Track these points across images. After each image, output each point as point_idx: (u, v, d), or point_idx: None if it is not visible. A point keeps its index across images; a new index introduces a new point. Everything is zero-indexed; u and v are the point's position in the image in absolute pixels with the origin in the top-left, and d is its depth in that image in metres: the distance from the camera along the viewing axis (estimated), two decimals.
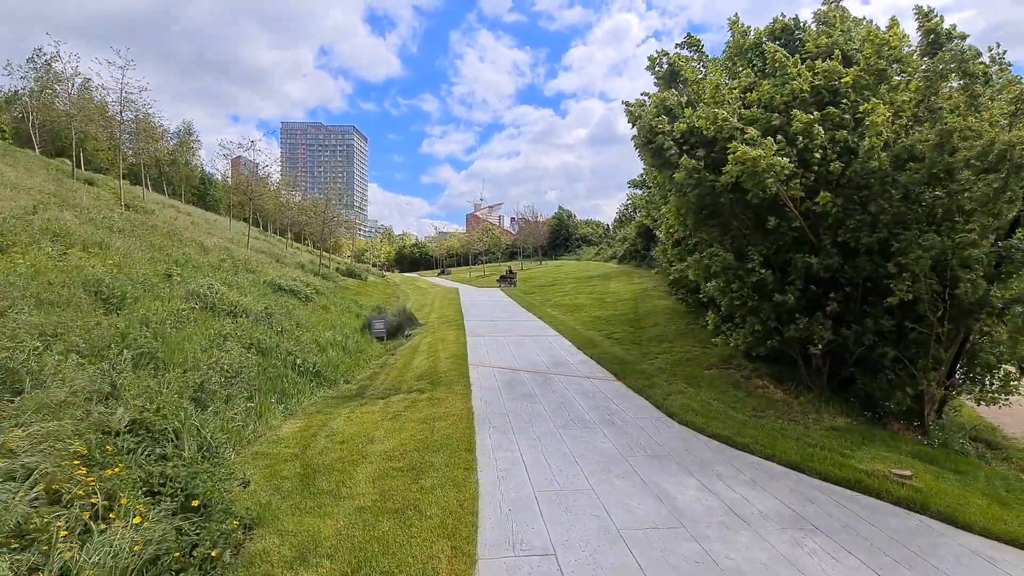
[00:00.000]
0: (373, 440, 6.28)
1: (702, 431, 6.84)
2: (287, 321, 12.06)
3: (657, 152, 8.67)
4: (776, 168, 6.89)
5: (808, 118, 7.06)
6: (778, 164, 6.89)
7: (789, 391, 8.29)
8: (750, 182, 7.15)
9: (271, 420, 7.09)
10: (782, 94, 7.66)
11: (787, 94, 7.62)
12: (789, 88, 7.60)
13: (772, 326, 8.07)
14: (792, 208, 7.50)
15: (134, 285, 9.55)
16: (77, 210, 16.05)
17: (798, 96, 7.54)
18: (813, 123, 7.06)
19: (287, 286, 17.27)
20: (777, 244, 8.24)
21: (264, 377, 8.03)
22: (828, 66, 7.49)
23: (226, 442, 5.35)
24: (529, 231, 64.29)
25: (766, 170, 6.91)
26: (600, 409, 7.80)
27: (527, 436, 6.57)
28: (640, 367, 10.28)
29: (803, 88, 7.53)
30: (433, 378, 9.70)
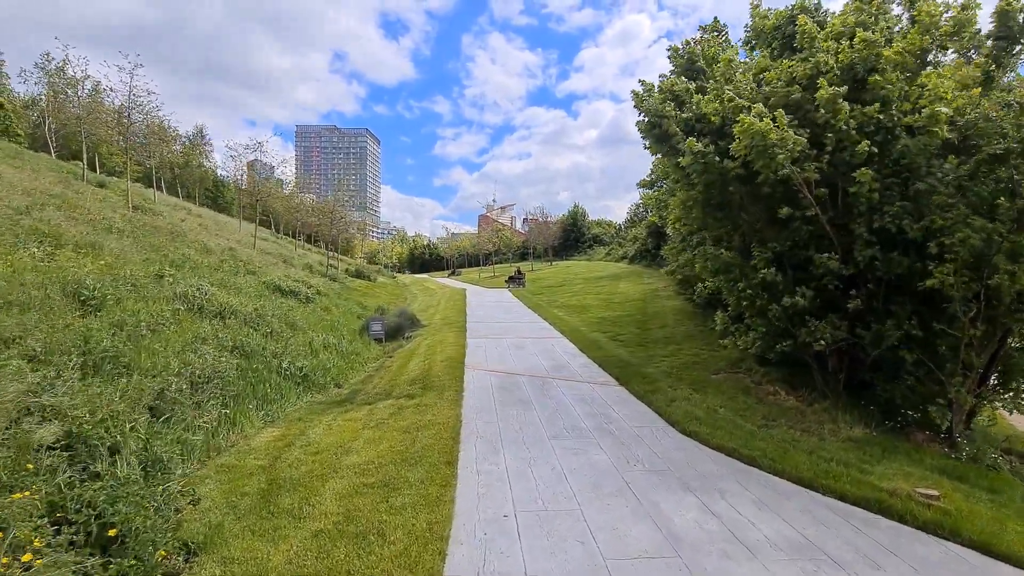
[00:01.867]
0: (350, 451, 5.86)
1: (706, 442, 6.31)
2: (280, 323, 11.74)
3: (663, 138, 8.14)
4: (788, 143, 6.33)
5: (833, 90, 6.45)
6: (789, 139, 6.32)
7: (802, 398, 7.71)
8: (759, 161, 6.59)
9: (247, 428, 6.74)
10: (805, 68, 7.04)
11: (811, 68, 7.00)
12: (814, 62, 6.98)
13: (783, 328, 7.50)
14: (807, 194, 6.92)
15: (119, 286, 9.28)
16: (78, 211, 15.94)
17: (824, 71, 6.92)
18: (838, 97, 6.45)
19: (287, 287, 17.01)
20: (792, 240, 7.65)
21: (245, 382, 7.69)
22: (867, 36, 6.83)
23: (181, 455, 4.98)
24: (539, 231, 63.84)
25: (776, 145, 6.35)
26: (597, 417, 7.31)
27: (516, 447, 6.11)
28: (644, 371, 9.75)
29: (828, 62, 6.90)
30: (425, 382, 9.29)
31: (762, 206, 7.93)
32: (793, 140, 6.45)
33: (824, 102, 6.56)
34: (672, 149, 8.06)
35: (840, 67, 6.90)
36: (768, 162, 6.66)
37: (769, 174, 6.80)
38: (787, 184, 7.33)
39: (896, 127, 6.73)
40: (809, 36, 7.35)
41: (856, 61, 6.79)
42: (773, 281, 7.51)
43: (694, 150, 7.26)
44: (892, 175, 6.84)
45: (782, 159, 6.44)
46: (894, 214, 6.47)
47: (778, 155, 6.47)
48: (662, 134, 8.09)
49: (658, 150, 8.60)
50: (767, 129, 6.39)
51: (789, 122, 6.82)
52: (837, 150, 6.77)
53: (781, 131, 6.41)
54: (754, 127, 6.37)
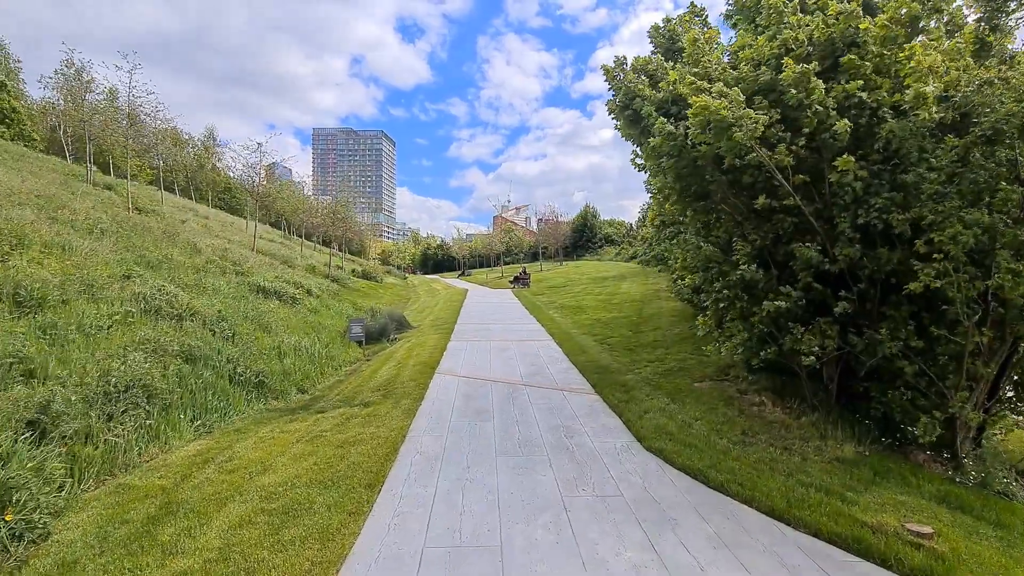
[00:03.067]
0: (269, 469, 5.30)
1: (672, 462, 5.60)
2: (250, 326, 11.30)
3: (635, 119, 7.43)
4: (745, 121, 5.59)
5: (802, 67, 5.70)
6: (747, 116, 5.59)
7: (790, 410, 6.92)
8: (718, 141, 5.87)
9: (175, 440, 6.23)
10: (772, 47, 6.33)
11: (777, 46, 6.29)
12: (781, 39, 6.26)
13: (766, 332, 6.73)
14: (783, 180, 6.16)
15: (72, 288, 8.90)
16: (65, 212, 15.79)
17: (792, 48, 6.19)
18: (809, 75, 5.70)
19: (272, 288, 16.64)
20: (774, 233, 6.90)
21: (184, 389, 7.20)
22: (844, 8, 6.08)
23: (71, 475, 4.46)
24: (550, 232, 63.12)
25: (733, 124, 5.62)
26: (559, 430, 6.63)
27: (456, 466, 5.48)
28: (623, 378, 9.03)
29: (799, 37, 6.18)
30: (388, 389, 8.72)
31: (744, 196, 7.18)
32: (752, 118, 5.70)
33: (792, 82, 5.81)
34: (645, 131, 7.34)
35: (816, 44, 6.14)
36: (728, 144, 5.93)
37: (733, 158, 6.07)
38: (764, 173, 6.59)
39: (881, 107, 5.94)
40: (776, 11, 6.58)
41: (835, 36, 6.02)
42: (753, 279, 6.75)
43: (664, 131, 6.53)
44: (882, 162, 6.05)
45: (740, 138, 5.70)
46: (880, 207, 5.68)
47: (735, 134, 5.73)
48: (634, 115, 7.38)
49: (631, 133, 7.88)
50: (720, 107, 5.66)
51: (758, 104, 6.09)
52: (817, 132, 6.00)
53: (736, 108, 5.67)
54: (707, 106, 5.65)
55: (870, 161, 6.20)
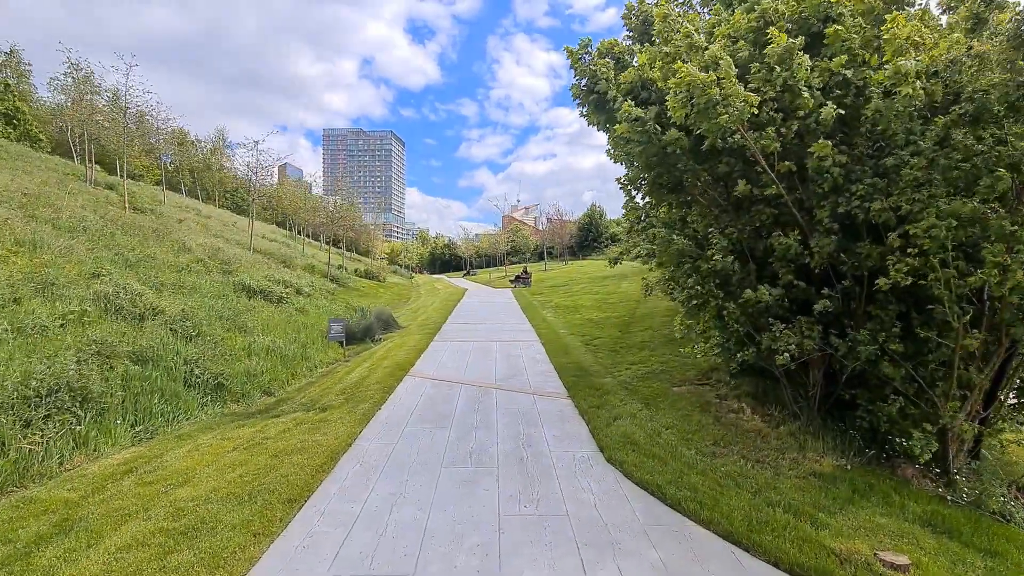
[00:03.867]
0: (190, 480, 4.91)
1: (630, 475, 5.11)
2: (218, 325, 10.97)
3: (600, 103, 6.92)
4: (735, 101, 5.08)
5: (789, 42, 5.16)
6: (737, 95, 5.07)
7: (769, 418, 6.39)
8: (702, 123, 5.35)
9: (106, 447, 5.87)
10: (750, 20, 5.79)
11: (755, 17, 5.75)
12: (760, 10, 5.73)
13: (743, 333, 6.22)
14: (766, 167, 5.64)
15: (27, 287, 8.62)
16: (50, 211, 15.66)
17: (772, 22, 5.66)
18: (795, 49, 5.16)
19: (258, 287, 16.37)
20: (753, 225, 6.38)
21: (129, 392, 6.85)
22: None
23: None
24: (556, 231, 62.60)
25: (720, 103, 5.10)
26: (518, 439, 6.18)
27: (395, 478, 5.05)
28: (600, 381, 8.53)
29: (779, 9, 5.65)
30: (352, 392, 8.32)
31: (721, 187, 6.67)
32: (743, 97, 5.18)
33: (776, 58, 5.28)
34: (612, 117, 6.85)
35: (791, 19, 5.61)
36: (712, 125, 5.41)
37: (716, 141, 5.56)
38: (744, 157, 6.08)
39: (867, 86, 5.40)
40: None
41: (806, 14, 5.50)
42: (726, 270, 6.22)
43: (631, 116, 6.03)
44: (869, 146, 5.51)
45: (726, 120, 5.18)
46: (862, 195, 5.14)
47: (721, 116, 5.22)
48: (600, 99, 6.87)
49: (597, 120, 7.37)
50: (708, 81, 5.13)
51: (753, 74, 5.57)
52: (803, 115, 5.47)
53: (728, 84, 5.15)
54: (694, 78, 5.12)
55: (855, 146, 5.66)
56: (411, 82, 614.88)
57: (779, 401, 6.68)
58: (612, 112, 6.68)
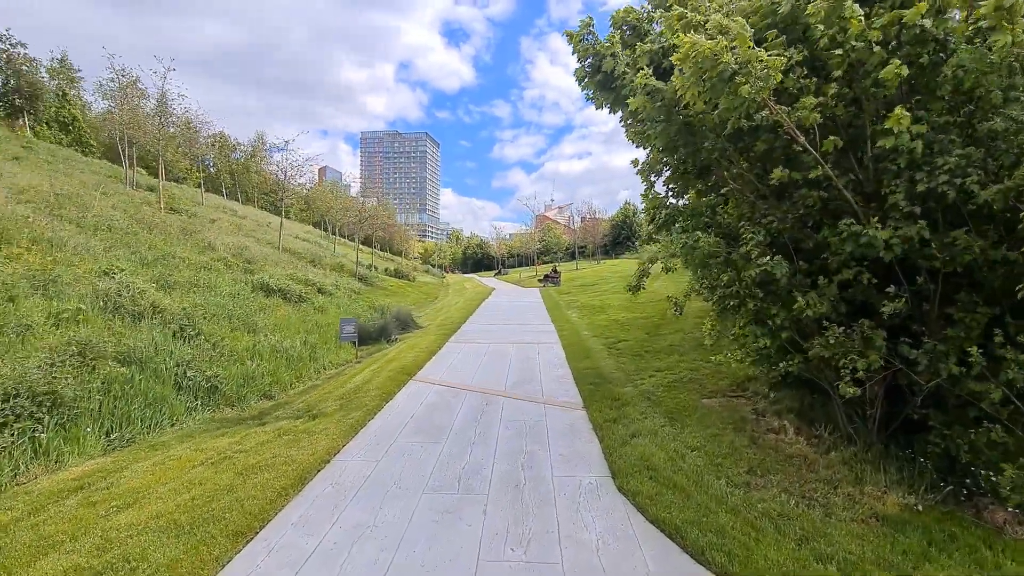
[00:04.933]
0: (138, 502, 4.35)
1: (644, 510, 4.25)
2: (224, 325, 10.63)
3: (606, 82, 6.04)
4: (755, 68, 4.14)
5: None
6: (756, 59, 4.13)
7: (817, 440, 5.36)
8: (720, 100, 4.43)
9: (71, 457, 5.43)
10: None
11: None
12: None
13: (785, 339, 5.23)
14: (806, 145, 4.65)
15: (25, 284, 8.42)
16: (74, 210, 15.88)
17: None
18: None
19: (277, 286, 16.15)
20: (796, 214, 5.36)
21: (108, 397, 6.44)
22: None
23: None
24: (589, 230, 61.42)
25: (737, 72, 4.17)
26: (518, 456, 5.39)
27: (365, 506, 4.36)
28: (619, 390, 7.63)
29: None
30: (351, 398, 7.73)
31: (759, 168, 5.68)
32: (764, 62, 4.23)
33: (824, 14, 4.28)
34: (620, 97, 5.96)
35: None
36: (732, 100, 4.48)
37: (739, 119, 4.63)
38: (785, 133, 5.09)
39: (948, 37, 4.34)
40: None
41: None
42: (772, 274, 5.20)
43: (648, 87, 5.12)
44: (948, 112, 4.45)
45: (748, 92, 4.24)
46: (952, 169, 4.08)
47: (741, 87, 4.28)
48: (606, 78, 5.99)
49: (603, 101, 6.46)
50: (718, 49, 4.21)
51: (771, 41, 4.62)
52: (854, 78, 4.46)
53: (742, 49, 4.21)
54: (700, 49, 4.21)
55: (932, 111, 4.60)
56: (446, 85, 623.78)
57: (829, 419, 5.63)
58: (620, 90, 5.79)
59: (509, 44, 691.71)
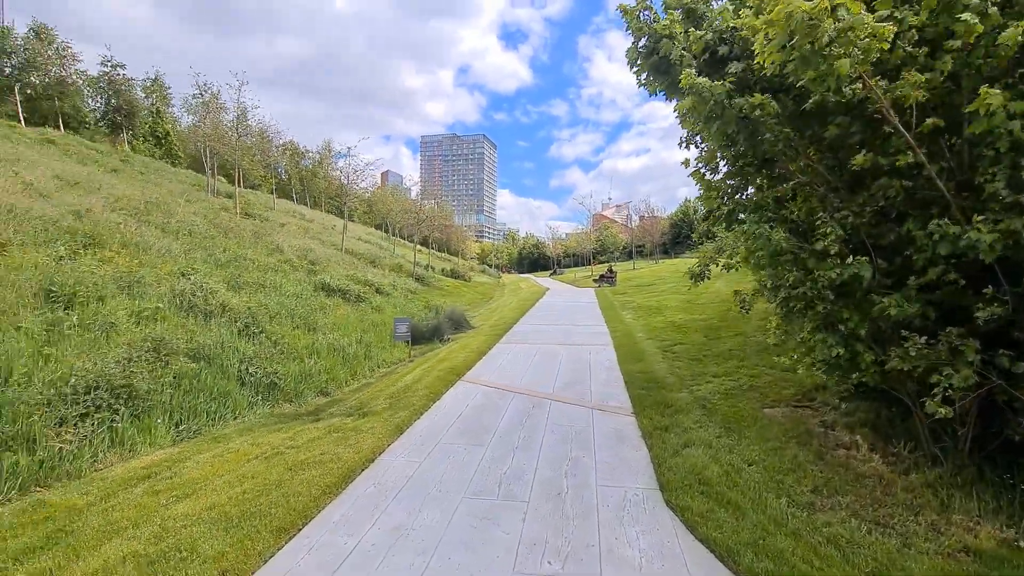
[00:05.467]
0: (196, 493, 4.58)
1: (694, 528, 3.96)
2: (286, 323, 11.14)
3: (663, 68, 5.67)
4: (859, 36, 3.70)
5: None
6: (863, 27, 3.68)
7: (895, 459, 4.81)
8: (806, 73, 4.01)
9: (144, 447, 5.83)
10: None
11: None
12: None
13: (860, 347, 4.72)
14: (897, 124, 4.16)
15: (113, 284, 9.20)
16: (159, 216, 17.27)
17: None
18: None
19: (337, 286, 16.81)
20: (876, 205, 4.84)
21: (178, 390, 6.88)
22: None
23: None
24: (647, 229, 59.82)
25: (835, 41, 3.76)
26: (561, 463, 5.23)
27: (406, 507, 4.35)
28: (673, 396, 7.27)
29: None
30: (400, 397, 7.85)
31: (830, 158, 5.19)
32: (871, 30, 3.79)
33: None
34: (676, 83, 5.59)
35: None
36: (823, 75, 4.07)
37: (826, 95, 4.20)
38: (862, 117, 4.62)
39: None
40: None
41: None
42: (858, 276, 4.71)
43: (697, 87, 4.76)
44: None
45: (846, 68, 3.83)
46: None
47: (838, 62, 3.87)
48: (662, 62, 5.64)
49: (658, 87, 6.09)
50: (817, 11, 3.81)
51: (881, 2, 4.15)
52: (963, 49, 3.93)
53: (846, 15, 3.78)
54: (794, 9, 3.83)
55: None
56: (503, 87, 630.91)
57: (910, 435, 5.04)
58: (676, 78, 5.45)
59: (566, 43, 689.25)
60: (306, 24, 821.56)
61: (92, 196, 16.16)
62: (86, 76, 38.85)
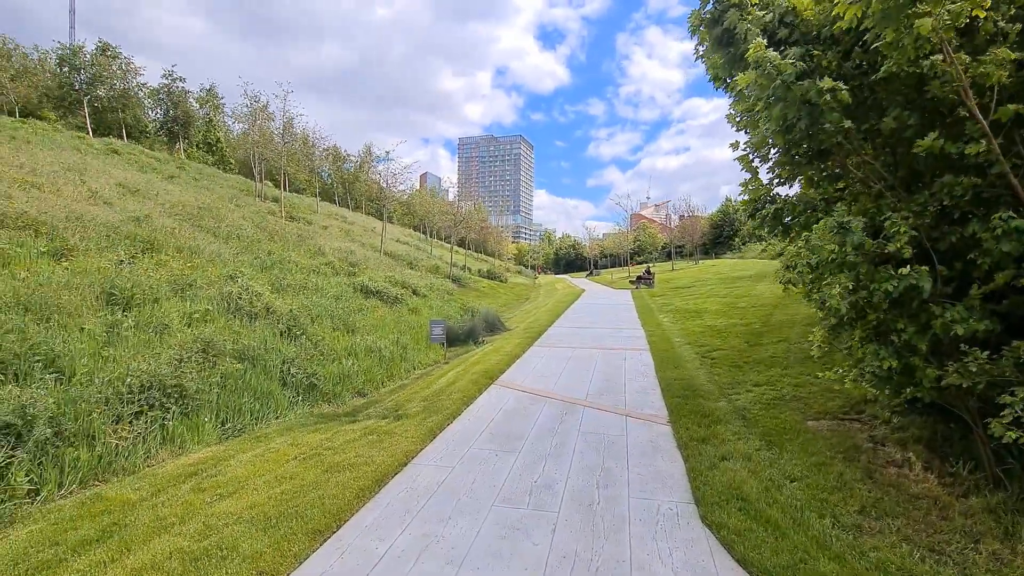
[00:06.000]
0: (238, 492, 4.77)
1: (730, 547, 3.82)
2: (326, 325, 11.46)
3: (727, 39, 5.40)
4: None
5: None
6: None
7: (952, 480, 4.48)
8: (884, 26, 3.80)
9: (192, 445, 6.12)
10: None
11: None
12: None
13: (915, 360, 4.43)
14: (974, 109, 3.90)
15: (168, 287, 9.70)
16: (211, 221, 18.13)
17: None
18: None
19: (375, 288, 17.17)
20: (938, 204, 4.53)
21: (224, 390, 7.19)
22: None
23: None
24: (686, 229, 58.40)
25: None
26: (595, 473, 5.15)
27: (436, 514, 4.39)
28: (711, 405, 7.05)
29: None
30: (434, 400, 7.95)
31: (887, 153, 4.91)
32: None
33: None
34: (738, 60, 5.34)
35: None
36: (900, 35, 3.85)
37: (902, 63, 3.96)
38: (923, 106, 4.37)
39: None
40: None
41: None
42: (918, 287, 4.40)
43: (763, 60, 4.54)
44: None
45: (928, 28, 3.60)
46: None
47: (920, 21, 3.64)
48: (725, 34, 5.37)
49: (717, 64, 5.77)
50: None
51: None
52: None
53: None
54: None
55: None
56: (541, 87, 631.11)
57: (969, 454, 4.70)
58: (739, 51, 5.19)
59: (604, 41, 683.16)
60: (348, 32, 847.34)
61: (150, 202, 17.14)
62: (147, 88, 41.31)
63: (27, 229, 9.88)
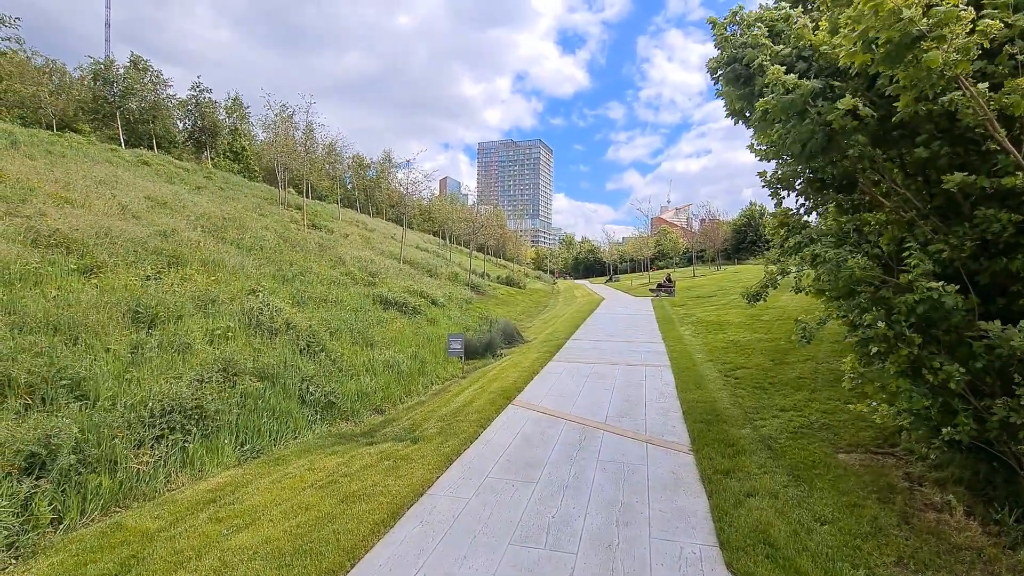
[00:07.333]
0: (255, 523, 4.76)
1: None
2: (345, 339, 11.51)
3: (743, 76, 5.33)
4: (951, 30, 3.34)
5: None
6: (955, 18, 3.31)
7: (997, 528, 4.21)
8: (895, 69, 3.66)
9: (211, 467, 6.16)
10: None
11: None
12: None
13: (955, 404, 4.19)
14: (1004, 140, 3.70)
15: (191, 303, 9.86)
16: (234, 232, 18.45)
17: None
18: None
19: (394, 299, 17.23)
20: (976, 237, 4.31)
21: (243, 410, 7.24)
22: None
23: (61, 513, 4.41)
24: (707, 234, 57.56)
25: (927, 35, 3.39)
26: (613, 510, 5.01)
27: (451, 552, 4.30)
28: (735, 432, 6.83)
29: None
30: (450, 421, 7.89)
31: (919, 182, 4.68)
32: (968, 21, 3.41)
33: None
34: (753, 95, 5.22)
35: None
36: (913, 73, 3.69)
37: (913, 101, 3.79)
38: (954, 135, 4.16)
39: None
40: None
41: None
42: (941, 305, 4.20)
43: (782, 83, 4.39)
44: None
45: (936, 62, 3.44)
46: None
47: (930, 57, 3.48)
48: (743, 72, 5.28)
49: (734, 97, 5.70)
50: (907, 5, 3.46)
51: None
52: None
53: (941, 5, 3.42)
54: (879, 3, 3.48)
55: None
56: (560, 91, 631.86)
57: (1017, 499, 4.42)
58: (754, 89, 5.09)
59: (624, 45, 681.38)
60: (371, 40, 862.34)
61: (177, 215, 17.53)
62: (176, 100, 42.50)
63: (59, 247, 10.16)
